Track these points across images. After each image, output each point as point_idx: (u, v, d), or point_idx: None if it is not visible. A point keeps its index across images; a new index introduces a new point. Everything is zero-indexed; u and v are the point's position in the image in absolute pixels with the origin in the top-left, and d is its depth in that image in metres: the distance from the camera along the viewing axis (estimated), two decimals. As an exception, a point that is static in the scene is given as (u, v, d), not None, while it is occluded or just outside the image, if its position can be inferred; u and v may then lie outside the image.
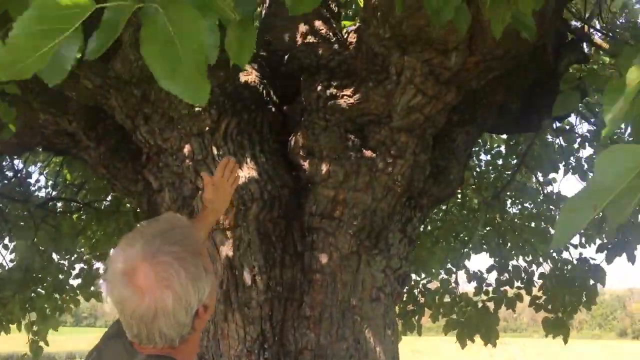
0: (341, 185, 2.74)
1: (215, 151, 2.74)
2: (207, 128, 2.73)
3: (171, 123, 2.80)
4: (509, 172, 5.59)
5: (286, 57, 2.92)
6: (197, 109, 2.70)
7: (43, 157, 5.85)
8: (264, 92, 2.84)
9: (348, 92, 2.69)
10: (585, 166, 5.87)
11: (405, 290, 3.17)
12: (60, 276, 5.69)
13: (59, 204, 5.72)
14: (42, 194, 6.02)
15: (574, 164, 5.92)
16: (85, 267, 5.85)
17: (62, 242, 5.18)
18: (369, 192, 2.75)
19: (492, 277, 5.92)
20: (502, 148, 6.06)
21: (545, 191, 5.77)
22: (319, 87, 2.75)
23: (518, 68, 3.39)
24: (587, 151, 5.38)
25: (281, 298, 2.70)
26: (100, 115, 3.35)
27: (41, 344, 5.64)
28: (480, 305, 5.48)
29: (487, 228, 5.73)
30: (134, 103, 2.82)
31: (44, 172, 6.02)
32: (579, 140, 5.49)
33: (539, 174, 5.69)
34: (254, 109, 2.80)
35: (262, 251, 2.70)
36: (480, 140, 5.48)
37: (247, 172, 2.73)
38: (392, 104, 2.64)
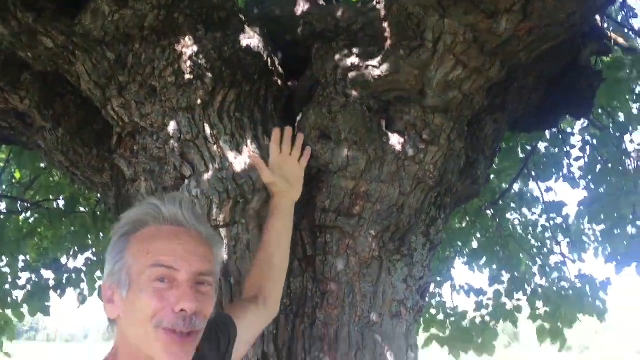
0: (362, 176, 2.25)
1: (208, 130, 2.21)
2: (199, 101, 2.20)
3: (153, 95, 2.26)
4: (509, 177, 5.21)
5: (300, 21, 2.42)
6: (187, 76, 2.17)
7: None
8: (269, 60, 2.33)
9: (374, 62, 2.21)
10: (579, 174, 5.55)
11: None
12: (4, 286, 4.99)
13: (3, 204, 5.03)
14: (-16, 193, 5.31)
15: (565, 171, 5.59)
16: (33, 276, 5.14)
17: (6, 247, 4.50)
18: (395, 184, 2.27)
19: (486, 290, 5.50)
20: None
21: (546, 199, 5.41)
22: (338, 56, 2.26)
23: (548, 52, 3.00)
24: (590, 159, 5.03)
25: (289, 313, 2.18)
26: (58, 91, 2.78)
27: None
28: (479, 320, 5.05)
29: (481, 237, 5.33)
30: (105, 69, 2.27)
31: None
32: (579, 146, 5.17)
33: (539, 181, 5.33)
34: (256, 79, 2.29)
35: (264, 255, 2.17)
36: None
37: (247, 157, 2.21)
38: (427, 78, 2.17)
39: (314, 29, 2.37)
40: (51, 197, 5.15)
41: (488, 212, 5.16)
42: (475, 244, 5.58)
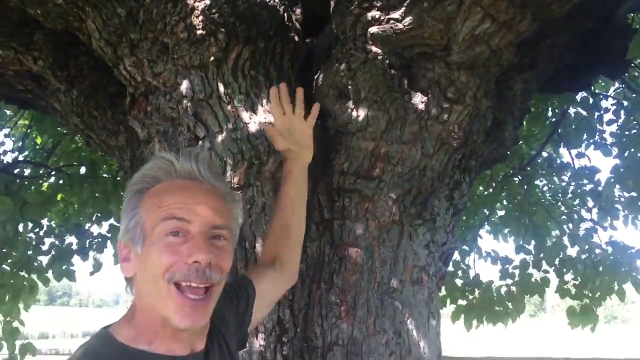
0: (383, 136, 2.15)
1: (222, 88, 2.12)
2: (212, 58, 2.10)
3: (165, 53, 2.18)
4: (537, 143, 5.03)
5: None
6: (199, 32, 2.07)
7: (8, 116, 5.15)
8: (286, 15, 2.22)
9: (396, 14, 2.08)
10: (610, 140, 5.34)
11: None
12: (27, 252, 5.00)
13: (27, 170, 5.03)
14: (8, 158, 5.32)
15: (597, 137, 5.39)
16: (57, 241, 5.16)
17: (28, 212, 4.51)
18: (418, 145, 2.17)
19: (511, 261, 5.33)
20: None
21: (576, 166, 5.21)
22: (357, 10, 2.14)
23: (582, 7, 2.83)
24: (622, 122, 4.81)
25: (305, 278, 2.11)
26: (72, 51, 2.71)
27: (16, 324, 4.95)
28: (504, 289, 4.92)
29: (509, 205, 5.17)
30: (116, 25, 2.19)
31: (10, 134, 5.31)
32: (612, 109, 4.95)
33: (570, 147, 5.13)
34: (272, 35, 2.18)
35: (280, 218, 2.09)
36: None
37: (262, 116, 2.13)
38: (453, 32, 2.04)
39: (333, -19, 2.24)
40: (75, 163, 5.14)
41: (515, 178, 5.01)
42: (501, 212, 5.44)
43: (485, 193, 5.29)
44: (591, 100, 4.84)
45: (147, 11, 2.14)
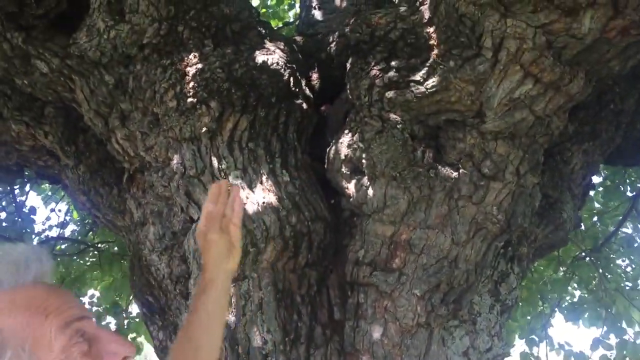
0: (403, 219, 1.79)
1: (215, 163, 1.84)
2: (204, 129, 1.83)
3: (157, 124, 1.93)
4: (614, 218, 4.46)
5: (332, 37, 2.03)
6: (190, 100, 1.81)
7: (52, 190, 5.10)
8: (292, 79, 1.94)
9: (417, 76, 1.76)
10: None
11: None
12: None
13: (64, 246, 4.90)
14: (53, 233, 5.24)
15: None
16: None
17: (68, 287, 4.33)
18: (447, 231, 1.78)
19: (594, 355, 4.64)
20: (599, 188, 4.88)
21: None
22: (373, 72, 1.83)
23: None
24: None
25: (306, 395, 1.72)
26: (81, 126, 2.53)
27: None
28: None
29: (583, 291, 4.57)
30: (105, 94, 1.97)
31: (55, 208, 5.25)
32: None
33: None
34: (274, 103, 1.90)
35: (279, 317, 1.74)
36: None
37: (261, 195, 1.81)
38: (486, 95, 1.69)
39: (348, 41, 1.95)
40: (110, 240, 4.96)
41: (588, 259, 4.44)
42: (574, 297, 4.83)
43: (555, 276, 4.72)
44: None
45: (137, 78, 1.91)
